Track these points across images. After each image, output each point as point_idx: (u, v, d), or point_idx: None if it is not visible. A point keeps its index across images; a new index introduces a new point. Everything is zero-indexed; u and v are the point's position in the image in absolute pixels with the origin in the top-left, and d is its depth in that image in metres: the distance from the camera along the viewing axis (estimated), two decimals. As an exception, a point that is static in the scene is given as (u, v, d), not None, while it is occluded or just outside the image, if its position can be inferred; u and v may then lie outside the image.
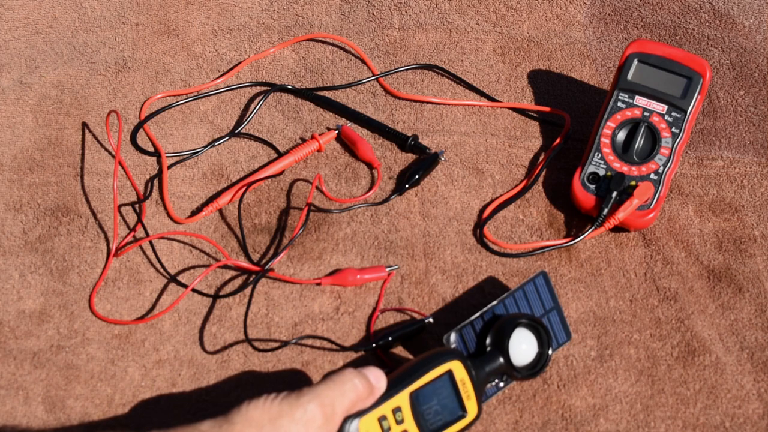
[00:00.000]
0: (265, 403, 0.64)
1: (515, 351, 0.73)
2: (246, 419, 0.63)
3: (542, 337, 0.74)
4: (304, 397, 0.64)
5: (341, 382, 0.66)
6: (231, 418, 0.63)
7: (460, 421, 0.70)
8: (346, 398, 0.65)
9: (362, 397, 0.66)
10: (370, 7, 1.06)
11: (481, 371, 0.72)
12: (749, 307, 0.83)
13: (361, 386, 0.66)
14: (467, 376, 0.70)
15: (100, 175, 0.91)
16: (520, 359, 0.74)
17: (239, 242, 0.86)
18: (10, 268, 0.84)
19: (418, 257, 0.85)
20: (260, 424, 0.63)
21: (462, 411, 0.70)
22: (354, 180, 0.91)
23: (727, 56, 1.02)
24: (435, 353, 0.71)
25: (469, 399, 0.70)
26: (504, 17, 1.06)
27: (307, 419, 0.63)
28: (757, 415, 0.76)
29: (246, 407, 0.64)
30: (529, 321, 0.74)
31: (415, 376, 0.69)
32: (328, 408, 0.64)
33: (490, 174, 0.92)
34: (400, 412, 0.68)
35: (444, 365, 0.70)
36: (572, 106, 0.97)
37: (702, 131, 0.96)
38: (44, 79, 0.99)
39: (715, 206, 0.89)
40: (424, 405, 0.69)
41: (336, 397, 0.65)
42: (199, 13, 1.06)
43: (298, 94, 0.98)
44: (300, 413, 0.63)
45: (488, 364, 0.72)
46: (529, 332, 0.74)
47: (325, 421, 0.64)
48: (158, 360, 0.79)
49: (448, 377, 0.70)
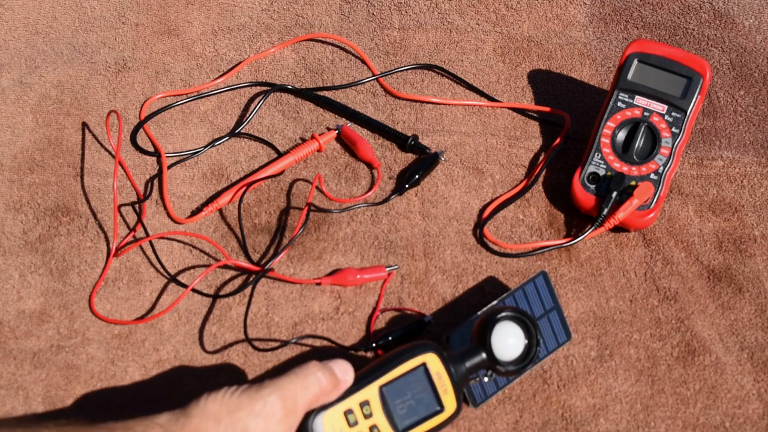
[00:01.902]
0: (225, 395, 0.63)
1: (501, 345, 0.71)
2: (204, 412, 0.62)
3: (530, 331, 0.72)
4: (264, 389, 0.63)
5: (304, 375, 0.65)
6: (189, 411, 0.62)
7: (436, 416, 0.68)
8: (308, 391, 0.64)
9: (326, 391, 0.65)
10: (370, 7, 1.06)
11: (459, 365, 0.69)
12: (749, 307, 0.83)
13: (325, 379, 0.65)
14: (444, 369, 0.68)
15: (100, 175, 0.91)
16: (506, 353, 0.71)
17: (239, 242, 0.86)
18: (10, 268, 0.84)
19: (418, 257, 0.85)
20: (218, 417, 0.61)
21: (438, 406, 0.68)
22: (354, 180, 0.91)
23: (727, 56, 1.02)
24: (409, 346, 0.69)
25: (447, 393, 0.68)
26: (504, 17, 1.06)
27: (267, 412, 0.62)
28: (757, 415, 0.76)
29: (205, 400, 0.62)
30: (517, 314, 0.72)
31: (385, 368, 0.67)
32: (289, 401, 0.63)
33: (490, 174, 0.92)
34: (368, 406, 0.66)
35: (418, 358, 0.68)
36: (572, 106, 0.97)
37: (702, 131, 0.96)
38: (44, 79, 0.99)
39: (715, 206, 0.89)
40: (396, 399, 0.67)
41: (298, 390, 0.64)
42: (199, 13, 1.06)
43: (298, 94, 0.98)
44: (260, 406, 0.62)
45: (469, 358, 0.70)
46: (516, 326, 0.72)
47: (285, 414, 0.63)
48: (158, 360, 0.79)
49: (423, 370, 0.68)
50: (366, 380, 0.67)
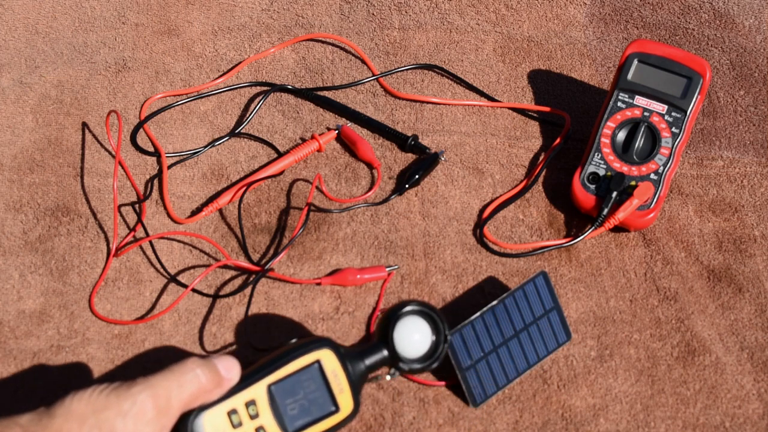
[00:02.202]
0: (92, 394, 0.59)
1: (406, 342, 0.67)
2: (68, 412, 0.58)
3: (438, 326, 0.68)
4: (135, 387, 0.59)
5: (181, 372, 0.60)
6: (53, 411, 0.58)
7: (331, 416, 0.64)
8: (184, 390, 0.60)
9: (206, 389, 0.61)
10: (370, 7, 1.06)
11: (358, 363, 0.66)
12: (749, 307, 0.83)
13: (205, 377, 0.61)
14: (340, 367, 0.64)
15: (100, 175, 0.91)
16: (412, 350, 0.67)
17: (239, 242, 0.86)
18: (10, 268, 0.84)
19: (418, 257, 0.85)
20: (83, 417, 0.57)
21: (334, 406, 0.64)
22: (354, 180, 0.91)
23: (727, 56, 1.02)
24: (302, 342, 0.65)
25: (343, 393, 0.64)
26: (504, 17, 1.06)
27: (136, 411, 0.58)
28: (757, 415, 0.76)
29: (70, 399, 0.58)
30: (423, 308, 0.68)
31: (275, 366, 0.63)
32: (161, 399, 0.59)
33: (490, 174, 0.92)
34: (255, 406, 0.62)
35: (311, 355, 0.64)
36: (572, 106, 0.97)
37: (702, 131, 0.96)
38: (44, 79, 0.99)
39: (715, 206, 0.89)
40: (286, 398, 0.63)
41: (173, 388, 0.59)
42: (199, 13, 1.06)
43: (298, 94, 0.98)
44: (128, 405, 0.58)
45: (369, 355, 0.66)
46: (423, 321, 0.68)
47: (157, 414, 0.59)
48: (158, 360, 0.79)
49: (317, 368, 0.64)
50: (253, 378, 0.63)
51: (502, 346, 0.76)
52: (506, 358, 0.76)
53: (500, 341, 0.76)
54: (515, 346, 0.77)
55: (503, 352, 0.76)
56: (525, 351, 0.77)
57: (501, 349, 0.76)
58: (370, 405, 0.76)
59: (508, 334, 0.77)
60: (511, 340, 0.77)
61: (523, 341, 0.77)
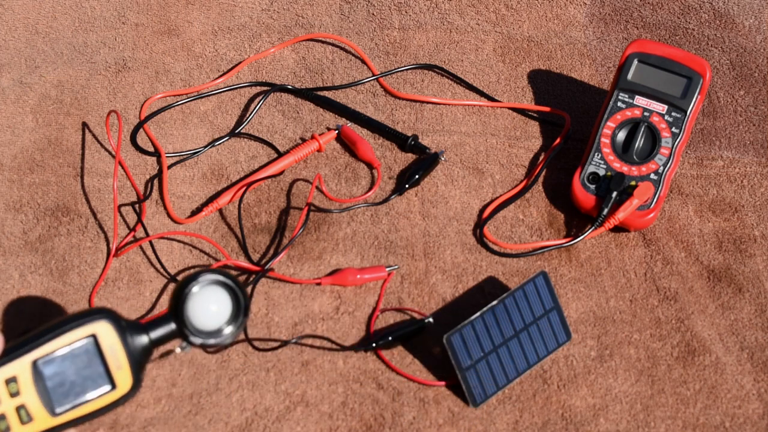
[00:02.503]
0: None
1: (200, 314, 0.61)
2: None
3: (238, 299, 0.62)
4: None
5: None
6: None
7: (105, 395, 0.59)
8: None
9: None
10: (370, 7, 1.06)
11: (140, 337, 0.60)
12: (749, 307, 0.83)
13: None
14: (120, 342, 0.59)
15: (100, 175, 0.91)
16: (207, 323, 0.61)
17: (239, 242, 0.86)
18: (10, 268, 0.84)
19: (418, 257, 0.85)
20: None
21: (109, 384, 0.59)
22: (354, 180, 0.91)
23: (727, 56, 1.02)
24: (77, 313, 0.60)
25: (121, 369, 0.59)
26: (504, 17, 1.06)
27: None
28: (757, 415, 0.76)
29: None
30: (221, 279, 0.62)
31: (42, 340, 0.58)
32: None
33: (490, 174, 0.92)
34: (16, 383, 0.58)
35: (85, 328, 0.59)
36: (572, 106, 0.97)
37: (702, 131, 0.96)
38: (44, 79, 0.99)
39: (715, 206, 0.89)
40: (54, 376, 0.58)
41: None
42: (199, 13, 1.06)
43: (298, 94, 0.98)
44: None
45: (153, 328, 0.61)
46: (224, 292, 0.62)
47: None
48: (158, 360, 0.79)
49: (92, 342, 0.59)
50: (15, 353, 0.58)
51: (502, 346, 0.76)
52: (506, 358, 0.76)
53: (500, 341, 0.76)
54: (515, 346, 0.77)
55: (503, 352, 0.76)
56: (525, 351, 0.77)
57: (501, 349, 0.76)
58: (370, 405, 0.76)
59: (508, 334, 0.77)
60: (511, 340, 0.77)
61: (523, 341, 0.77)
